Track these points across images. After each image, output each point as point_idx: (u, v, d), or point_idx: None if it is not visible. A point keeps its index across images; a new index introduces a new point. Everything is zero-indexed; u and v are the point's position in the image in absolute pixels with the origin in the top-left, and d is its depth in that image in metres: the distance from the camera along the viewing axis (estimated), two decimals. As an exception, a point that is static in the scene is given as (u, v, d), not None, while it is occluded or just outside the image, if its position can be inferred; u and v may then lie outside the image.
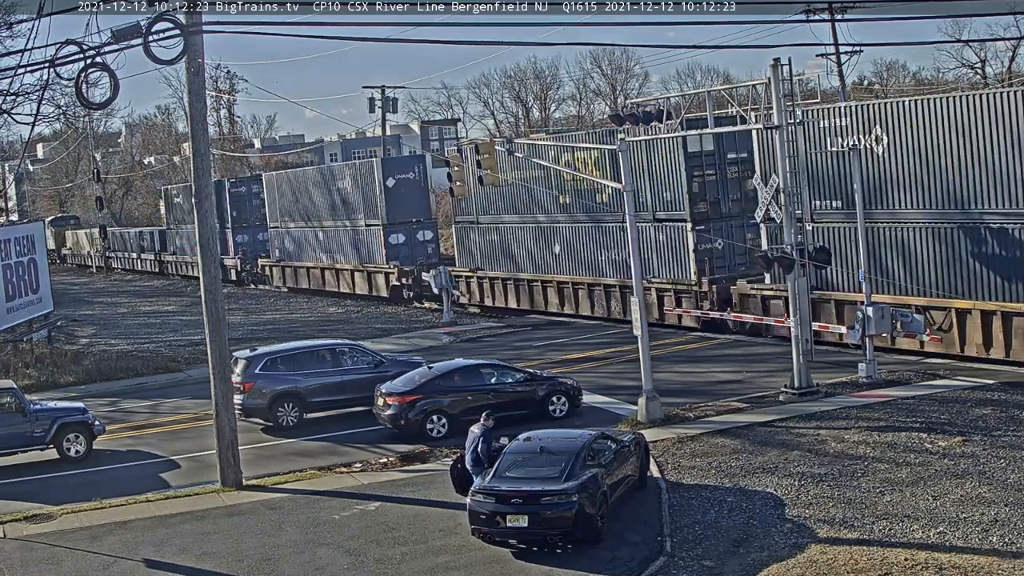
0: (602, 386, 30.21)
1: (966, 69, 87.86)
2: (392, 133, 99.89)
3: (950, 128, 29.39)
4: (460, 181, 33.21)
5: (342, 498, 21.94)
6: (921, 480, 20.12)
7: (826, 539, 17.80)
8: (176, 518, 21.44)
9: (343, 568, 18.23)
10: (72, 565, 19.28)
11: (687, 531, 18.73)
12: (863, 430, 23.52)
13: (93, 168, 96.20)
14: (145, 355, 42.01)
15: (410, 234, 55.28)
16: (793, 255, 26.89)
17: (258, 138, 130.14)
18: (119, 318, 58.84)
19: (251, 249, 70.30)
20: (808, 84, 58.46)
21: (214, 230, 23.77)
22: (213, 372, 23.50)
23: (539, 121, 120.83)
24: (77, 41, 21.49)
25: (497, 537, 18.52)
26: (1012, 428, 22.93)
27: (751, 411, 26.19)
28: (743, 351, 34.10)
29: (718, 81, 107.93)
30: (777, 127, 27.07)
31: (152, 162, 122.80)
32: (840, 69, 58.67)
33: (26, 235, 44.68)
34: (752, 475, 21.21)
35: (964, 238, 29.49)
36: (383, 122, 76.42)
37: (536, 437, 20.08)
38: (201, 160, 23.40)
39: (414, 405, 26.43)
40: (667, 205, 39.06)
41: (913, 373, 28.60)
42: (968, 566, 16.16)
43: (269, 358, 29.08)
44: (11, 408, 26.71)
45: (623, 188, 27.12)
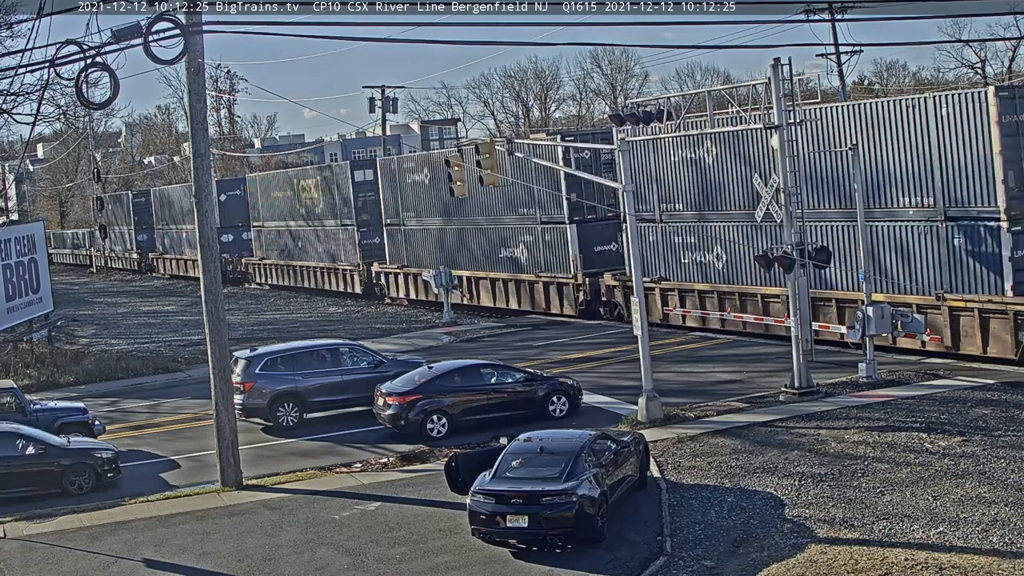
0: (602, 386, 30.22)
1: (966, 69, 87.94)
2: (392, 133, 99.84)
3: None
4: (460, 181, 33.26)
5: (342, 498, 21.94)
6: (921, 480, 20.12)
7: (826, 539, 17.80)
8: (176, 518, 21.44)
9: (343, 568, 18.23)
10: (72, 565, 19.28)
11: (687, 531, 18.73)
12: (863, 430, 23.52)
13: (93, 168, 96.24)
14: (145, 355, 42.02)
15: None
16: (793, 255, 26.91)
17: (258, 138, 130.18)
18: (119, 318, 58.89)
19: (235, 248, 73.94)
20: (808, 84, 58.40)
21: (214, 230, 23.77)
22: (213, 372, 23.51)
23: (539, 121, 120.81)
24: (77, 41, 21.52)
25: (497, 537, 18.51)
26: (1012, 428, 22.93)
27: (751, 411, 26.19)
28: (743, 351, 34.10)
29: (718, 81, 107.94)
30: (777, 127, 27.09)
31: (152, 162, 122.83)
32: (840, 69, 58.71)
33: (26, 235, 44.67)
34: (752, 475, 21.22)
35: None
36: (383, 122, 76.48)
37: (536, 437, 20.08)
38: (201, 160, 23.41)
39: (414, 405, 26.43)
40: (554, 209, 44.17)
41: (913, 373, 28.61)
42: (968, 566, 16.16)
43: (269, 358, 29.09)
44: (11, 408, 26.74)
45: (623, 188, 27.15)
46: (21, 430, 24.57)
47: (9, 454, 23.65)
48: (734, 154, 35.78)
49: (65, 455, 23.99)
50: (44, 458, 23.76)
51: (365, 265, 57.28)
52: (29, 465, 23.68)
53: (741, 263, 36.10)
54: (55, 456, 23.81)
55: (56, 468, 23.76)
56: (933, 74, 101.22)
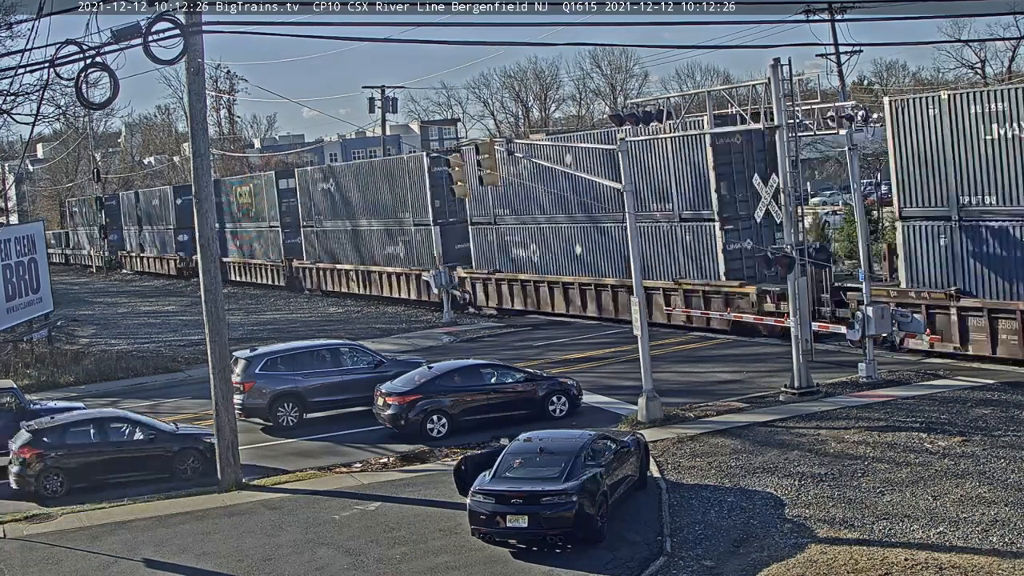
0: (602, 386, 30.22)
1: (966, 69, 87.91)
2: (392, 133, 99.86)
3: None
4: (461, 181, 33.31)
5: (342, 498, 21.95)
6: (921, 480, 20.12)
7: (826, 539, 17.80)
8: (176, 518, 21.44)
9: (343, 568, 18.23)
10: (72, 565, 19.28)
11: (687, 531, 18.72)
12: (863, 430, 23.52)
13: (93, 168, 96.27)
14: (145, 355, 42.02)
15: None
16: (793, 255, 26.92)
17: (258, 138, 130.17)
18: (119, 318, 58.89)
19: (191, 248, 78.08)
20: (808, 84, 58.40)
21: (214, 230, 23.74)
22: (213, 372, 23.51)
23: (539, 121, 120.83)
24: (77, 41, 21.51)
25: (497, 537, 18.51)
26: (1012, 428, 22.93)
27: (751, 411, 26.19)
28: (743, 351, 34.11)
29: (718, 81, 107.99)
30: (777, 127, 27.10)
31: (152, 162, 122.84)
32: (840, 69, 58.60)
33: (26, 235, 44.67)
34: (752, 475, 21.22)
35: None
36: (383, 122, 76.51)
37: (536, 437, 20.07)
38: (201, 160, 23.41)
39: (414, 405, 26.43)
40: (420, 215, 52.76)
41: (913, 373, 28.61)
42: (968, 566, 16.16)
43: (269, 358, 29.09)
44: (11, 408, 26.74)
45: (623, 188, 27.16)
46: (129, 415, 25.59)
47: (119, 439, 24.45)
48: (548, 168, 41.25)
49: (174, 440, 24.70)
50: (154, 443, 24.41)
51: (287, 261, 65.66)
52: (140, 450, 24.42)
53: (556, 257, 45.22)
54: (165, 441, 24.45)
55: (166, 453, 24.45)
56: (933, 74, 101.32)
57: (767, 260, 27.74)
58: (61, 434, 24.23)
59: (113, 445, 24.31)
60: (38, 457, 23.77)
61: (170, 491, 23.35)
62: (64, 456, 23.91)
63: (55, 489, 23.72)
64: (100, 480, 23.99)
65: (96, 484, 23.87)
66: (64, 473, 23.85)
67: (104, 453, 24.17)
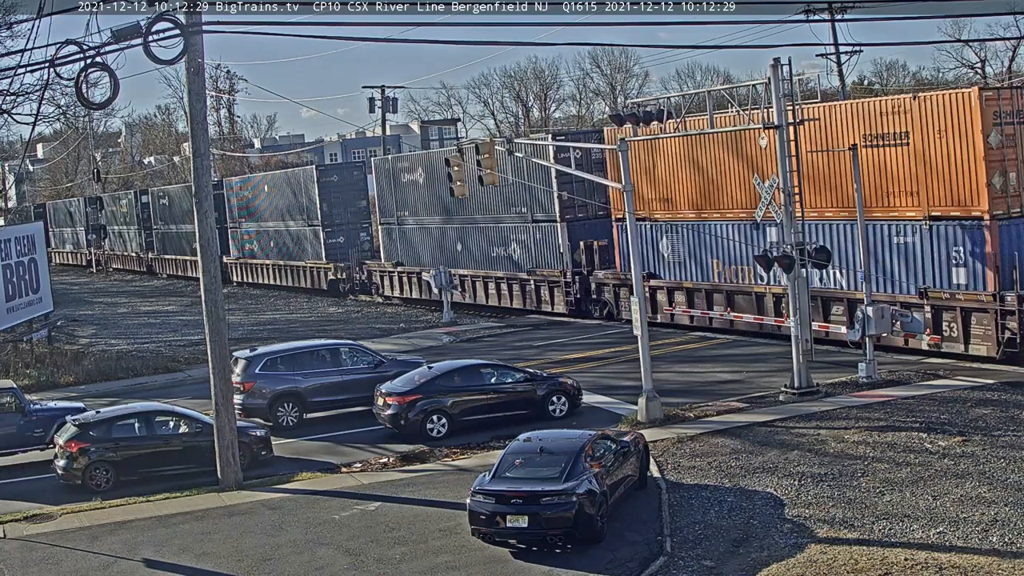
0: (602, 386, 30.22)
1: (966, 69, 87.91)
2: (392, 133, 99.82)
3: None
4: (461, 181, 33.29)
5: (342, 498, 21.95)
6: (921, 480, 20.12)
7: (826, 539, 17.80)
8: (176, 518, 21.44)
9: (343, 568, 18.23)
10: (72, 565, 19.28)
11: (687, 531, 18.73)
12: (863, 430, 23.52)
13: (93, 168, 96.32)
14: (145, 355, 42.02)
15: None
16: (793, 255, 26.91)
17: (258, 138, 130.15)
18: (119, 318, 58.88)
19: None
20: (808, 84, 58.45)
21: (213, 230, 23.74)
22: (213, 372, 23.51)
23: (539, 121, 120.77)
24: (77, 41, 21.53)
25: (497, 537, 18.51)
26: (1012, 428, 22.93)
27: (751, 411, 26.20)
28: (743, 351, 34.11)
29: (718, 81, 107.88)
30: (777, 127, 27.09)
31: (152, 162, 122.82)
32: (840, 69, 58.67)
33: (26, 235, 44.68)
34: (752, 475, 21.22)
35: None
36: (383, 122, 76.47)
37: (536, 437, 20.07)
38: (201, 160, 23.40)
39: (414, 405, 26.43)
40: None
41: (913, 373, 28.61)
42: (968, 566, 16.16)
43: (269, 358, 29.09)
44: (11, 408, 26.74)
45: (623, 188, 27.15)
46: (175, 409, 25.69)
47: (166, 432, 24.57)
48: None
49: None
50: (200, 436, 24.37)
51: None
52: (186, 443, 24.48)
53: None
54: (210, 434, 24.18)
55: (212, 446, 24.20)
56: (933, 74, 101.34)
57: (767, 260, 27.74)
58: (108, 428, 24.35)
59: (159, 438, 24.48)
60: (84, 451, 23.89)
61: (213, 484, 23.41)
62: (111, 449, 24.04)
63: (102, 482, 23.85)
64: (147, 473, 24.12)
65: (143, 477, 24.02)
66: (111, 466, 23.98)
67: (150, 446, 24.31)
